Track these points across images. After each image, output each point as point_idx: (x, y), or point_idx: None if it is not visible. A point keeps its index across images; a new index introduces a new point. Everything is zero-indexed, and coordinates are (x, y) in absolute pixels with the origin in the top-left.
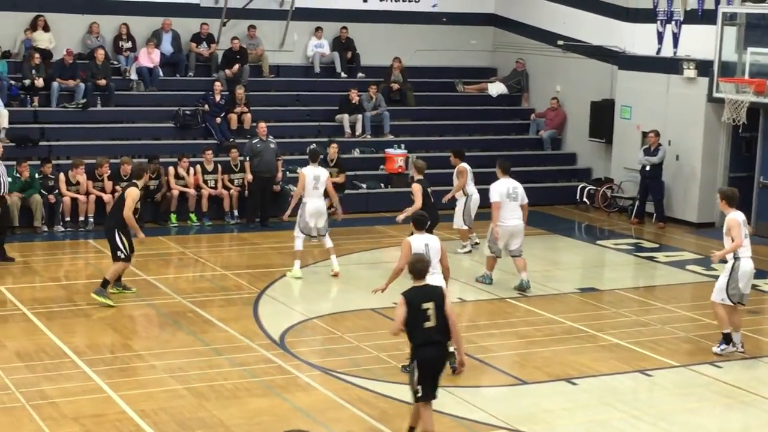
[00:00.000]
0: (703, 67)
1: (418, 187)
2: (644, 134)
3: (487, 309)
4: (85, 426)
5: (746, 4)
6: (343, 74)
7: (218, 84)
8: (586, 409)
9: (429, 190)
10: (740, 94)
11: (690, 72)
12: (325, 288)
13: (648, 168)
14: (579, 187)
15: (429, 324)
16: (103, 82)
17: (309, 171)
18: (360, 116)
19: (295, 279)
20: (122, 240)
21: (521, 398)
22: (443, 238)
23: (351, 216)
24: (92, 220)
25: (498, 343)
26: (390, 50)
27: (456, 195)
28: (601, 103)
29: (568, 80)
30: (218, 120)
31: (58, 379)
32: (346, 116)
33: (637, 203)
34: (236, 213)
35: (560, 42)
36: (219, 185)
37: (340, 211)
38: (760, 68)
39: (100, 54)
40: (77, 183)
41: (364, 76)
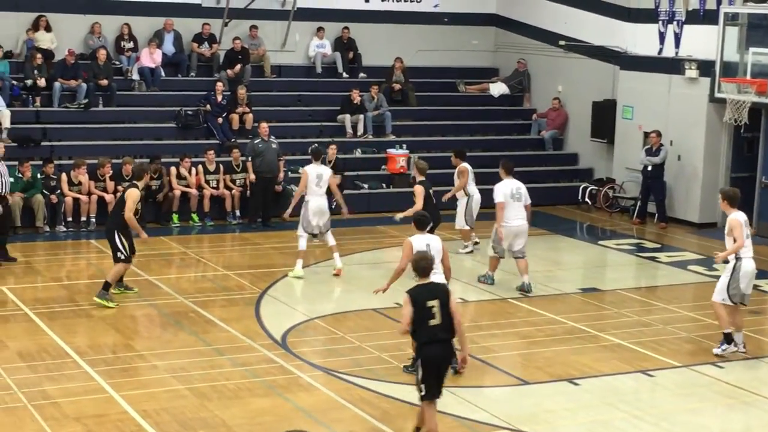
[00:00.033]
0: (705, 68)
1: (420, 189)
2: (646, 134)
3: (489, 309)
4: (87, 426)
5: (748, 5)
6: (345, 74)
7: (220, 84)
8: (588, 410)
9: (431, 191)
10: (742, 95)
11: (692, 72)
12: (327, 288)
13: (650, 168)
14: (581, 188)
15: (434, 322)
16: (105, 83)
17: (312, 169)
18: (362, 116)
19: (296, 279)
20: (122, 241)
21: (523, 398)
22: (445, 239)
23: (353, 216)
24: (94, 221)
25: (500, 344)
26: (391, 50)
27: (457, 195)
28: (603, 104)
29: (570, 80)
30: (220, 120)
31: (60, 379)
32: (348, 116)
33: (639, 203)
34: (238, 213)
35: (562, 42)
36: (221, 185)
37: (346, 210)
38: (762, 68)
39: (102, 54)
40: (79, 183)
41: (366, 77)
